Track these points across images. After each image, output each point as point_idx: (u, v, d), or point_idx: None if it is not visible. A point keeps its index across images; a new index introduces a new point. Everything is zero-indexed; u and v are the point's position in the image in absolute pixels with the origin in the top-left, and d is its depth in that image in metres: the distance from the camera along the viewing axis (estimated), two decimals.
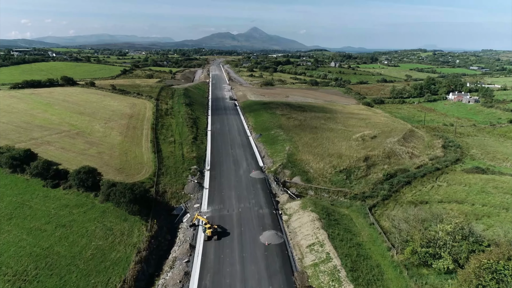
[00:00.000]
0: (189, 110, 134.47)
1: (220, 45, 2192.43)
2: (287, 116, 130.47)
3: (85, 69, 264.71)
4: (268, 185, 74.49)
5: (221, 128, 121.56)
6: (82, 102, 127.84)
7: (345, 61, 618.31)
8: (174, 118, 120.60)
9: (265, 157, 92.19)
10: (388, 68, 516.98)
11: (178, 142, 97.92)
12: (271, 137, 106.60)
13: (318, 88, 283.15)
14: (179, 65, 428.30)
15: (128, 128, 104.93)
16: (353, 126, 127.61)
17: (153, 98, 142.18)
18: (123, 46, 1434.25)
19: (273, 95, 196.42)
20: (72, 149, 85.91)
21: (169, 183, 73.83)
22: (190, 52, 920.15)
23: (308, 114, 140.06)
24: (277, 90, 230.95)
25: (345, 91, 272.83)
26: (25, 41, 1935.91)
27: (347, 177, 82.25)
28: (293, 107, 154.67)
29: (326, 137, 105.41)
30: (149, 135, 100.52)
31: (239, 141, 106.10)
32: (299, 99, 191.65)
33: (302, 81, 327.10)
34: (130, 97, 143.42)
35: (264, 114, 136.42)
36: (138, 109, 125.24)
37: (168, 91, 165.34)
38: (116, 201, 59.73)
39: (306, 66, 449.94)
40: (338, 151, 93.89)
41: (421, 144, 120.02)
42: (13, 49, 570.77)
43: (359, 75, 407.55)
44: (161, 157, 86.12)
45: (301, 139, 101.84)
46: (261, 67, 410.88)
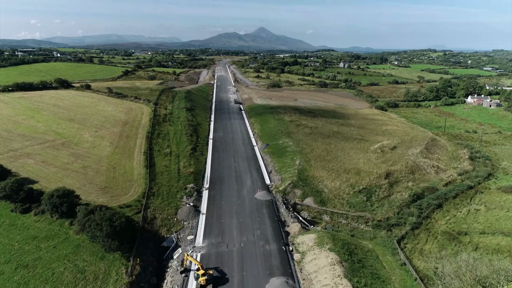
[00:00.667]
0: (190, 115, 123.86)
1: (227, 45, 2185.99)
2: (296, 123, 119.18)
3: (86, 70, 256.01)
4: (276, 210, 63.41)
5: (224, 136, 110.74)
6: (74, 107, 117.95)
7: (354, 61, 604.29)
8: (172, 125, 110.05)
9: (272, 173, 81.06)
10: (398, 69, 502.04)
11: (174, 154, 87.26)
12: (279, 147, 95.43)
13: (327, 90, 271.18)
14: (184, 65, 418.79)
15: (121, 137, 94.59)
16: (369, 134, 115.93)
17: (152, 102, 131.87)
18: (130, 46, 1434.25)
19: (281, 98, 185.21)
20: (54, 163, 75.73)
21: (160, 206, 63.12)
22: (196, 52, 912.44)
23: (319, 120, 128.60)
24: (284, 93, 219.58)
25: (356, 93, 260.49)
26: (33, 41, 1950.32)
27: (368, 198, 70.85)
28: (303, 112, 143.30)
29: (340, 148, 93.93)
30: (143, 145, 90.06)
31: (243, 152, 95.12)
32: (308, 102, 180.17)
33: (310, 82, 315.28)
34: (127, 101, 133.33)
35: (271, 120, 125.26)
36: (134, 115, 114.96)
37: (169, 94, 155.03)
38: (92, 235, 49.21)
39: (314, 67, 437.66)
40: (355, 166, 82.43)
41: (445, 155, 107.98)
42: (18, 49, 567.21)
43: (369, 76, 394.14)
44: (154, 173, 75.51)
45: (312, 151, 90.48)
46: (268, 68, 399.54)
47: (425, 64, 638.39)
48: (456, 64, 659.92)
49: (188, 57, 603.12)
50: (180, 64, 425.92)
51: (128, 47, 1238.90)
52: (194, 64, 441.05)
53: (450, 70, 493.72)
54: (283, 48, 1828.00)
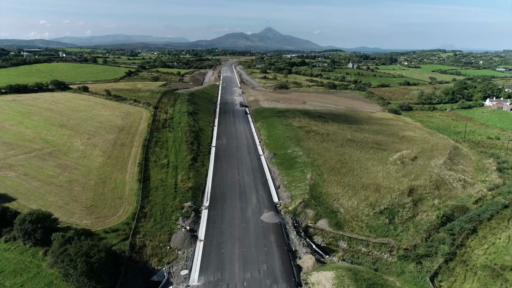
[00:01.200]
0: (192, 120, 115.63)
1: (234, 45, 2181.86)
2: (306, 129, 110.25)
3: (89, 71, 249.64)
4: (285, 236, 54.67)
5: (228, 143, 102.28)
6: (68, 111, 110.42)
7: (362, 62, 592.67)
8: (172, 132, 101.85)
9: (281, 188, 72.28)
10: (409, 69, 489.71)
11: (172, 165, 78.94)
12: (287, 158, 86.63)
13: (336, 92, 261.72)
14: (190, 66, 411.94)
15: (115, 145, 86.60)
16: (385, 141, 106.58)
17: (152, 105, 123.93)
18: (137, 46, 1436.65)
19: (288, 101, 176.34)
20: (38, 176, 67.91)
21: (152, 231, 54.75)
22: (203, 52, 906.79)
23: (330, 125, 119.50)
24: (292, 95, 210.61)
25: (366, 95, 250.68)
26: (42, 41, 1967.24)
27: (390, 220, 61.74)
28: (312, 116, 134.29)
29: (356, 159, 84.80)
30: (138, 155, 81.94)
31: (249, 163, 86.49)
32: (317, 105, 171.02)
33: (318, 83, 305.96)
34: (125, 104, 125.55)
35: (279, 125, 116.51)
36: (131, 120, 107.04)
37: (171, 96, 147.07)
38: (64, 272, 41.06)
39: (322, 68, 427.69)
40: (374, 181, 73.32)
41: (470, 165, 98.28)
42: (24, 49, 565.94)
43: (379, 77, 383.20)
44: (148, 189, 67.27)
45: (325, 163, 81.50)
46: (275, 69, 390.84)
47: (435, 64, 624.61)
48: (468, 64, 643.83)
49: (194, 58, 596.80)
50: (186, 65, 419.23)
51: (136, 47, 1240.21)
52: (200, 64, 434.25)
53: (462, 71, 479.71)
54: (290, 48, 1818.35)
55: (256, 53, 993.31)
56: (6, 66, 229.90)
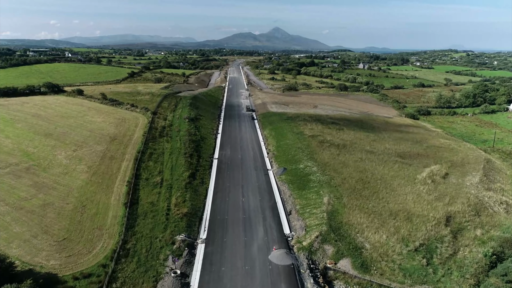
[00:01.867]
0: (193, 127, 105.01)
1: (241, 45, 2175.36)
2: (319, 139, 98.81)
3: (90, 72, 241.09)
4: (299, 285, 43.53)
5: (232, 155, 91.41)
6: (57, 118, 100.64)
7: (373, 62, 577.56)
8: (170, 142, 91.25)
9: (293, 214, 61.10)
10: (422, 70, 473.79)
11: (166, 184, 68.27)
12: (299, 174, 75.40)
13: (348, 94, 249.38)
14: (196, 66, 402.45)
15: (103, 158, 76.31)
16: (409, 153, 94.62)
17: (150, 111, 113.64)
18: (145, 46, 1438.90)
19: (298, 105, 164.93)
20: (7, 199, 57.86)
21: (133, 276, 44.03)
22: (210, 52, 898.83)
23: (346, 134, 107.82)
24: (302, 98, 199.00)
25: (380, 97, 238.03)
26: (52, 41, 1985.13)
27: (428, 260, 50.17)
28: (325, 122, 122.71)
29: (380, 177, 73.19)
30: (128, 171, 71.52)
31: (255, 180, 75.45)
32: (329, 109, 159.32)
33: (329, 85, 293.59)
34: (121, 109, 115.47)
35: (289, 134, 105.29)
36: (125, 128, 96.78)
37: (172, 100, 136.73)
38: None
39: (332, 68, 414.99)
40: (403, 206, 61.73)
41: (508, 182, 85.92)
42: (31, 49, 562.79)
43: (391, 78, 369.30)
44: (135, 215, 56.68)
45: (344, 182, 70.09)
46: (283, 69, 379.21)
47: (448, 65, 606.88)
48: (482, 65, 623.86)
49: (201, 58, 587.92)
50: (192, 65, 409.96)
51: (144, 47, 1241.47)
52: (207, 65, 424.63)
53: (478, 72, 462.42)
54: (298, 48, 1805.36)
55: (264, 53, 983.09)
56: (5, 67, 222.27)
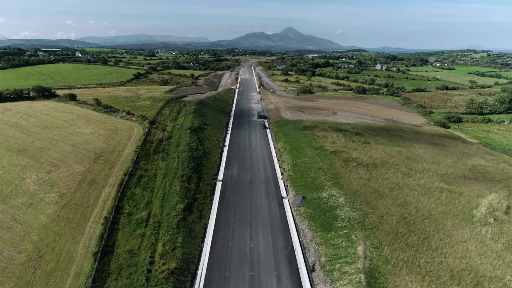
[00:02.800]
0: (195, 140, 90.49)
1: (254, 45, 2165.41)
2: (343, 156, 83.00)
3: (94, 73, 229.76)
4: None
5: (239, 176, 76.48)
6: (39, 129, 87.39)
7: (390, 62, 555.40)
8: (166, 159, 76.85)
9: (317, 272, 45.66)
10: (442, 71, 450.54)
11: (154, 222, 53.71)
12: (323, 207, 59.96)
13: (367, 97, 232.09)
14: (207, 67, 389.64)
15: (82, 183, 62.37)
16: (453, 175, 77.86)
17: (148, 119, 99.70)
18: (159, 46, 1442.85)
19: (315, 111, 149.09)
20: None
21: None
22: (222, 52, 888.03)
23: (374, 149, 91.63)
24: (318, 102, 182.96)
25: (402, 101, 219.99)
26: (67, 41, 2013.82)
27: None
28: (348, 133, 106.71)
29: (427, 214, 57.06)
30: (109, 201, 57.32)
31: (267, 214, 60.33)
32: (350, 116, 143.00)
33: (346, 87, 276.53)
34: (115, 117, 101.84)
35: (307, 148, 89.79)
36: (116, 141, 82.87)
37: (175, 106, 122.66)
38: None
39: (348, 69, 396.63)
40: (467, 262, 45.64)
41: None
42: (41, 49, 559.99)
43: (411, 80, 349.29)
44: (106, 273, 42.27)
45: (382, 221, 54.30)
46: (297, 70, 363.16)
47: (469, 66, 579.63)
48: (506, 66, 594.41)
49: (212, 58, 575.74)
50: (203, 65, 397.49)
51: (157, 47, 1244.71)
52: (217, 65, 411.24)
53: (503, 74, 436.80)
54: (311, 48, 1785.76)
55: (276, 53, 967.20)
56: (6, 68, 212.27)
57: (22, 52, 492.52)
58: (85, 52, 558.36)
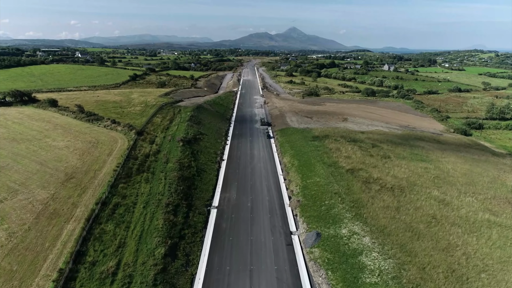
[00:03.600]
0: (188, 155, 77.80)
1: (257, 45, 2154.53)
2: (362, 176, 69.92)
3: (88, 74, 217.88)
4: None
5: (238, 201, 63.72)
6: (5, 142, 74.94)
7: (397, 63, 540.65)
8: (150, 181, 64.08)
9: None
10: (452, 72, 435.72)
11: (123, 275, 40.85)
12: (343, 250, 46.96)
13: (377, 100, 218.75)
14: (208, 67, 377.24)
15: (40, 216, 49.79)
16: (497, 200, 64.52)
17: (135, 129, 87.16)
18: (162, 46, 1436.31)
19: (324, 116, 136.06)
20: None
21: None
22: (225, 52, 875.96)
23: (396, 165, 78.39)
24: (327, 106, 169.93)
25: (414, 105, 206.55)
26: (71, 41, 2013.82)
27: None
28: (363, 144, 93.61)
29: (482, 265, 43.77)
30: (70, 243, 44.66)
31: (271, 258, 47.45)
32: (363, 123, 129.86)
33: (354, 89, 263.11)
34: (99, 126, 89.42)
35: (318, 165, 76.78)
36: (94, 157, 70.33)
37: (168, 113, 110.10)
38: None
39: (355, 70, 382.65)
40: None
41: None
42: (40, 49, 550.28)
43: (421, 81, 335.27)
44: None
45: (425, 277, 41.11)
46: (302, 71, 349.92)
47: (478, 66, 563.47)
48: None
49: (214, 58, 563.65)
50: (204, 66, 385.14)
51: (160, 47, 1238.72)
52: (219, 66, 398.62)
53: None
54: (314, 48, 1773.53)
55: (280, 53, 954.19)
56: None
57: (21, 52, 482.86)
58: (85, 52, 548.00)
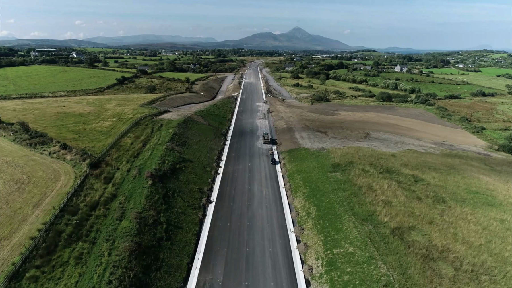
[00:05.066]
0: (157, 201, 53.51)
1: (261, 45, 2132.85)
2: (419, 247, 45.42)
3: (70, 77, 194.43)
4: None
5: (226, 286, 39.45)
6: None
7: (407, 64, 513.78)
8: (83, 262, 39.64)
9: None
10: (469, 74, 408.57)
11: None
12: None
13: (394, 107, 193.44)
14: (208, 68, 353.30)
15: None
16: None
17: (89, 158, 63.05)
18: (165, 46, 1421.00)
19: (341, 132, 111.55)
20: None
21: None
22: (228, 52, 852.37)
23: (462, 220, 53.76)
24: (342, 116, 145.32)
25: (438, 112, 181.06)
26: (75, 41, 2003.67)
27: None
28: (403, 179, 68.81)
29: None
30: None
31: None
32: (391, 140, 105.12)
33: (367, 93, 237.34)
34: (41, 154, 65.40)
35: (347, 219, 52.27)
36: (10, 211, 46.27)
37: (144, 131, 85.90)
38: None
39: (365, 71, 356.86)
40: None
41: None
42: (35, 49, 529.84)
43: (438, 84, 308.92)
44: None
45: None
46: (309, 73, 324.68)
47: (494, 67, 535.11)
48: None
49: (216, 58, 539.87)
50: (204, 67, 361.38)
51: (163, 47, 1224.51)
52: (220, 67, 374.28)
53: None
54: (319, 48, 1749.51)
55: (284, 54, 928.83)
56: None
57: (13, 52, 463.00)
58: (81, 53, 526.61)
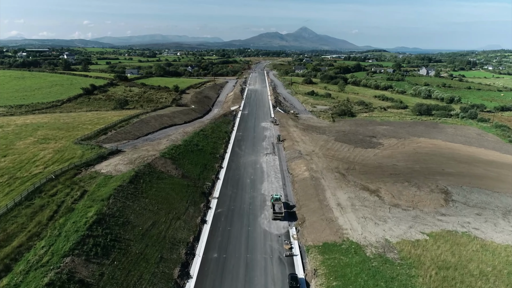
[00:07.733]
0: None
1: (268, 45, 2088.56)
2: None
3: (26, 85, 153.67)
4: None
5: None
6: None
7: (428, 65, 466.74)
8: None
9: None
10: (504, 77, 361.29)
11: None
12: None
13: (438, 124, 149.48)
14: (208, 71, 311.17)
15: None
16: None
17: None
18: (171, 46, 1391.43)
19: (399, 189, 68.81)
20: None
21: None
22: (233, 53, 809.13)
23: None
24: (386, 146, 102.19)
25: (501, 133, 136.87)
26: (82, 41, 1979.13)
27: None
28: None
29: None
30: None
31: None
32: (491, 204, 62.07)
33: (397, 103, 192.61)
34: None
35: None
36: None
37: (37, 214, 43.86)
38: None
39: (388, 75, 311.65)
40: None
41: None
42: (26, 49, 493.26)
43: (476, 90, 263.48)
44: None
45: None
46: (324, 77, 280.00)
47: None
48: None
49: (219, 59, 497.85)
50: (203, 70, 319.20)
51: (169, 47, 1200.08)
52: (222, 69, 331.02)
53: None
54: (326, 48, 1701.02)
55: (291, 54, 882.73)
56: None
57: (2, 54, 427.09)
58: (74, 53, 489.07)
